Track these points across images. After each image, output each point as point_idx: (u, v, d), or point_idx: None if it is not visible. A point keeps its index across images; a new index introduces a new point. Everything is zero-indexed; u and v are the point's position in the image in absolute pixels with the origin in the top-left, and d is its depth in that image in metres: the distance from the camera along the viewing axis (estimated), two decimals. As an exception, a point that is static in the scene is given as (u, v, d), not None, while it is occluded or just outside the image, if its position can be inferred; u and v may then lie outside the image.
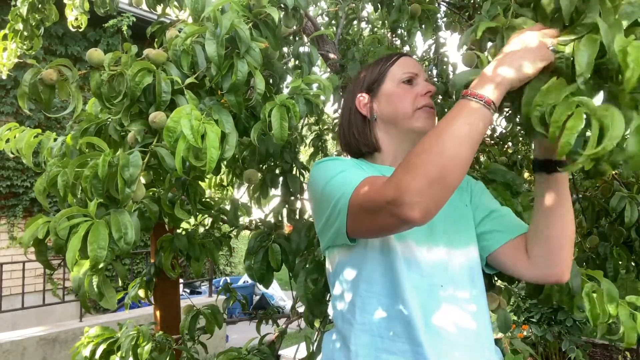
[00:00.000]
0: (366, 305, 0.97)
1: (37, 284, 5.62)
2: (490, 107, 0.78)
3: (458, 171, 0.76)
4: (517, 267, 1.02)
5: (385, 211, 0.79)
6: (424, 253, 0.97)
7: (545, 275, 0.98)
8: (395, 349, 0.92)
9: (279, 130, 1.02)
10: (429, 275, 0.95)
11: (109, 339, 1.58)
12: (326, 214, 0.96)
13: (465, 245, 1.03)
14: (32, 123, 5.68)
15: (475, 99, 0.78)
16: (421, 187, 0.75)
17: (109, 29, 5.74)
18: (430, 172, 0.75)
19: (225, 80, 0.97)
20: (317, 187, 0.99)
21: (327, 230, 0.99)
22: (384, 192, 0.80)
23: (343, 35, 2.24)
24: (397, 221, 0.79)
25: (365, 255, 0.98)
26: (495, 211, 1.08)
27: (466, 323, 0.95)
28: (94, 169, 0.87)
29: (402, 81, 1.08)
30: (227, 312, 2.16)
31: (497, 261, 1.04)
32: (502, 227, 1.04)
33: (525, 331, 4.36)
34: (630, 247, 1.74)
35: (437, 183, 0.75)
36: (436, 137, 0.78)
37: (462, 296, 0.97)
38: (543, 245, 0.97)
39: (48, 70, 1.00)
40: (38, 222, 0.89)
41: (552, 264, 0.96)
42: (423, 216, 0.76)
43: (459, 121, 0.78)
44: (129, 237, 0.84)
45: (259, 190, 1.69)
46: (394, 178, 0.79)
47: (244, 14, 1.03)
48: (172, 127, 0.84)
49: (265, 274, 1.49)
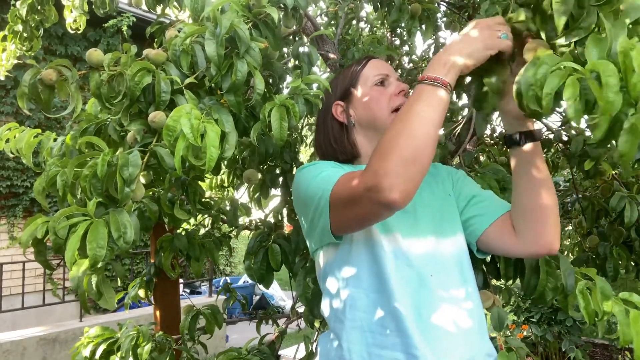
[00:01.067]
0: (355, 302, 0.98)
1: (37, 284, 5.62)
2: (446, 87, 0.84)
3: (428, 150, 0.81)
4: (507, 245, 1.03)
5: (366, 199, 0.82)
6: (411, 244, 0.99)
7: (535, 247, 0.99)
8: (386, 343, 0.93)
9: (278, 130, 1.02)
10: (418, 266, 0.97)
11: (109, 339, 1.58)
12: (310, 215, 0.98)
13: (453, 234, 1.04)
14: (32, 123, 5.68)
15: (432, 82, 0.84)
16: (397, 169, 0.79)
17: (108, 29, 5.75)
18: (403, 153, 0.80)
19: (224, 80, 0.97)
20: (300, 191, 1.01)
21: (313, 231, 1.00)
22: (362, 180, 0.83)
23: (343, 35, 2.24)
24: (378, 207, 0.82)
25: (351, 252, 1.00)
26: (476, 196, 1.10)
27: (457, 312, 0.96)
28: (93, 168, 0.87)
29: (375, 83, 1.10)
30: (227, 312, 2.16)
31: (486, 244, 1.06)
32: (484, 210, 1.07)
33: (525, 331, 4.35)
34: (630, 247, 1.74)
35: (411, 163, 0.79)
36: (403, 121, 0.83)
37: (452, 285, 0.98)
38: (528, 218, 0.98)
39: (47, 70, 1.00)
40: (37, 221, 0.89)
41: (540, 235, 0.98)
42: (402, 197, 0.79)
43: (421, 104, 0.83)
44: (128, 237, 0.83)
45: (259, 190, 1.69)
46: (370, 166, 0.83)
47: (243, 14, 1.03)
48: (171, 126, 0.84)
49: (265, 274, 1.49)
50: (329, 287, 1.05)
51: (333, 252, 1.03)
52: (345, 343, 0.97)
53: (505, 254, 1.09)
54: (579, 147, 1.68)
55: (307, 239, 1.09)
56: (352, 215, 0.89)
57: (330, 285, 1.04)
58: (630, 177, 1.77)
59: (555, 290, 1.14)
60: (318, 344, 1.11)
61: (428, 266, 0.98)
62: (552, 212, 0.97)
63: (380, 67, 1.12)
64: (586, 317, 1.07)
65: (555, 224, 0.98)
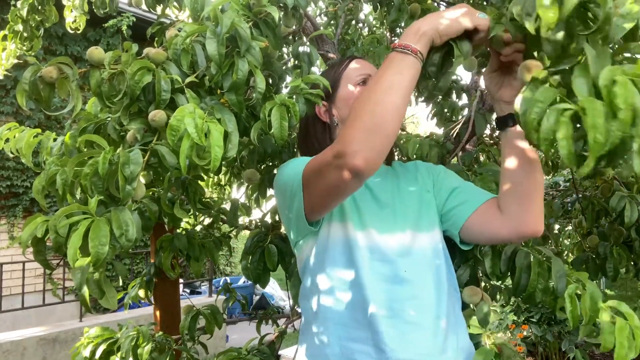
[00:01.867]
0: (330, 296, 1.00)
1: (37, 284, 5.62)
2: (417, 55, 0.84)
3: (393, 118, 0.81)
4: (491, 229, 1.03)
5: (333, 166, 0.84)
6: (386, 240, 1.00)
7: (521, 227, 1.00)
8: (358, 336, 0.96)
9: (279, 129, 1.02)
10: (393, 262, 0.99)
11: (109, 340, 1.58)
12: (287, 202, 1.00)
13: (429, 229, 1.06)
14: (32, 123, 5.68)
15: (402, 49, 0.85)
16: (361, 136, 0.80)
17: (109, 29, 5.75)
18: (367, 121, 0.81)
19: (225, 79, 0.97)
20: (279, 183, 1.04)
21: (290, 220, 1.03)
22: (330, 149, 0.86)
23: (342, 35, 2.24)
24: (344, 173, 0.83)
25: (327, 247, 1.02)
26: (457, 188, 1.11)
27: (429, 307, 0.98)
28: (94, 166, 0.87)
29: (357, 83, 1.11)
30: (227, 312, 2.15)
31: (470, 232, 1.07)
32: (466, 198, 1.08)
33: (525, 331, 4.35)
34: (630, 247, 1.74)
35: (376, 131, 0.80)
36: (371, 90, 0.84)
37: (425, 280, 1.00)
38: (516, 197, 0.99)
39: (48, 68, 1.00)
40: (37, 220, 0.89)
41: (526, 214, 0.99)
42: (366, 164, 0.80)
43: (390, 71, 0.84)
44: (130, 234, 0.83)
45: (258, 190, 1.69)
46: (340, 134, 0.85)
47: (244, 13, 1.03)
48: (175, 125, 0.84)
49: (262, 274, 1.49)
50: (306, 279, 1.07)
51: (311, 245, 1.05)
52: (320, 335, 0.99)
53: (488, 240, 1.10)
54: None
55: (287, 233, 1.11)
56: (322, 187, 0.91)
57: (308, 278, 1.07)
58: (630, 177, 1.77)
59: (546, 291, 1.13)
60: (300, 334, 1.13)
61: (402, 261, 0.99)
62: (539, 194, 0.99)
63: (362, 67, 1.13)
64: (570, 320, 1.07)
65: (541, 206, 1.00)
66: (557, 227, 2.72)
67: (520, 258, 1.16)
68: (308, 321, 1.07)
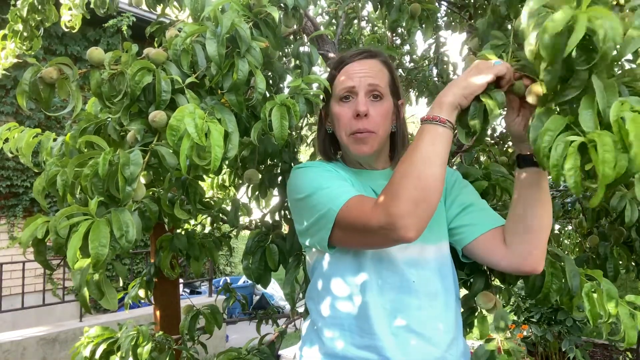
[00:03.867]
0: (338, 301, 1.02)
1: (37, 284, 5.61)
2: (446, 124, 0.88)
3: (436, 187, 0.86)
4: (493, 257, 1.06)
5: (378, 234, 0.88)
6: (397, 250, 1.02)
7: (521, 264, 1.02)
8: (361, 343, 0.98)
9: (279, 129, 1.02)
10: (402, 272, 1.01)
11: (108, 339, 1.58)
12: (309, 223, 1.01)
13: (437, 241, 1.07)
14: (32, 123, 5.67)
15: (432, 121, 0.89)
16: (409, 210, 0.84)
17: (108, 29, 5.74)
18: (413, 194, 0.84)
19: (226, 80, 0.97)
20: (299, 195, 1.04)
21: (308, 235, 1.04)
22: (375, 218, 0.88)
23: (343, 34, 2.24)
24: (390, 242, 0.90)
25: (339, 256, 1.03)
26: (471, 205, 1.12)
27: (434, 317, 1.01)
28: (94, 167, 0.87)
29: (340, 98, 1.08)
30: (227, 312, 2.15)
31: (472, 252, 1.09)
32: (477, 220, 1.09)
33: (525, 331, 4.35)
34: (631, 247, 1.74)
35: (422, 202, 0.84)
36: (409, 162, 0.88)
37: (432, 290, 1.02)
38: (523, 235, 1.01)
39: (48, 68, 1.00)
40: (37, 221, 0.89)
41: (530, 253, 1.01)
42: (417, 235, 0.85)
43: (424, 143, 0.88)
44: (130, 235, 0.83)
45: (258, 190, 1.69)
46: (382, 205, 0.87)
47: (244, 13, 1.03)
48: (175, 125, 0.84)
49: (263, 274, 1.49)
50: (315, 282, 1.09)
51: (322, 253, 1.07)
52: (325, 338, 1.02)
53: (486, 264, 1.13)
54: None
55: (299, 235, 1.12)
56: (359, 242, 0.97)
57: (317, 279, 1.08)
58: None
59: (560, 291, 1.13)
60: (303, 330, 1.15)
61: (411, 272, 1.01)
62: (545, 235, 1.01)
63: (348, 77, 1.08)
64: (590, 319, 1.07)
65: (544, 247, 1.02)
66: (557, 227, 2.72)
67: None
68: (315, 322, 1.08)
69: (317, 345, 1.05)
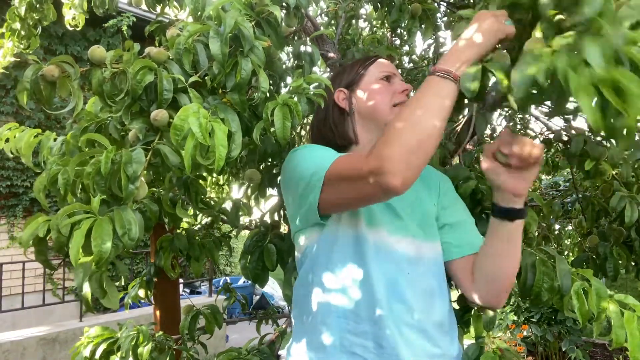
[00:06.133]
0: (335, 289, 1.01)
1: (37, 284, 5.61)
2: (456, 81, 0.86)
3: (432, 140, 0.83)
4: (462, 284, 1.09)
5: (367, 180, 0.84)
6: (394, 242, 1.02)
7: (483, 301, 1.05)
8: (358, 330, 0.97)
9: (281, 129, 1.02)
10: (398, 262, 1.01)
11: (109, 339, 1.58)
12: (300, 191, 0.99)
13: (433, 239, 1.08)
14: (32, 123, 5.67)
15: (443, 74, 0.86)
16: (401, 156, 0.81)
17: (109, 29, 5.74)
18: (408, 142, 0.82)
19: (229, 79, 0.97)
20: (291, 169, 1.04)
21: (299, 208, 1.03)
22: (365, 162, 0.85)
23: (343, 34, 2.24)
24: (378, 189, 0.84)
25: (336, 240, 1.02)
26: (457, 223, 1.12)
27: (427, 310, 1.01)
28: (96, 165, 0.87)
29: (380, 78, 1.13)
30: (227, 312, 2.15)
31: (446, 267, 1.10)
32: (461, 241, 1.10)
33: (525, 331, 4.36)
34: (630, 247, 1.74)
35: (415, 152, 0.82)
36: (410, 110, 0.85)
37: (425, 285, 1.03)
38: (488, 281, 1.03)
39: (49, 67, 1.00)
40: (38, 220, 0.89)
41: (493, 295, 1.04)
42: (403, 183, 0.82)
43: (430, 95, 0.86)
44: (133, 233, 0.83)
45: (258, 189, 1.69)
46: (375, 150, 0.85)
47: (246, 13, 1.03)
48: (179, 125, 0.84)
49: (260, 273, 1.49)
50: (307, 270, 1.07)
51: (316, 236, 1.05)
52: (319, 325, 1.00)
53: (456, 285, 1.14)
54: (579, 147, 1.67)
55: (290, 220, 1.11)
56: (348, 194, 0.92)
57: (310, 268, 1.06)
58: (630, 176, 1.77)
59: (552, 290, 1.13)
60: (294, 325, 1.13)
61: (407, 265, 1.01)
62: (510, 281, 1.03)
63: (387, 65, 1.17)
64: (580, 318, 1.08)
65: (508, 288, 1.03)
66: (557, 227, 2.72)
67: (525, 257, 1.16)
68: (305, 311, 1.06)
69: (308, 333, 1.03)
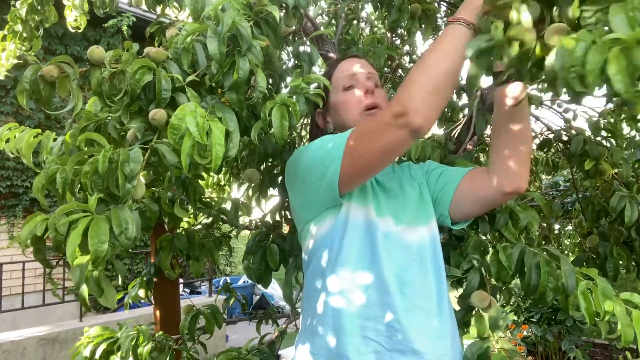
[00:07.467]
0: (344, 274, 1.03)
1: (37, 284, 5.61)
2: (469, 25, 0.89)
3: (450, 82, 0.89)
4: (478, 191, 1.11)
5: (392, 126, 0.90)
6: (400, 230, 1.06)
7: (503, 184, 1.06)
8: (370, 314, 1.00)
9: (279, 129, 1.02)
10: (404, 248, 1.05)
11: (109, 339, 1.58)
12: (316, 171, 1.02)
13: (427, 221, 1.12)
14: (32, 123, 5.68)
15: (460, 22, 0.90)
16: (421, 96, 0.87)
17: (109, 29, 5.75)
18: (426, 82, 0.88)
19: (226, 78, 0.98)
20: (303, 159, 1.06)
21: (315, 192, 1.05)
22: (388, 110, 0.92)
23: (343, 34, 2.24)
24: (403, 132, 0.89)
25: (346, 227, 1.05)
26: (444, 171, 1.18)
27: (431, 292, 1.05)
28: (94, 164, 0.87)
29: (343, 88, 1.16)
30: (227, 312, 2.15)
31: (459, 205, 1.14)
32: (449, 177, 1.15)
33: (525, 331, 4.35)
34: (631, 247, 1.74)
35: (434, 92, 0.88)
36: (427, 57, 0.91)
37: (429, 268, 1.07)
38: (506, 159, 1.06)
39: (49, 67, 1.00)
40: (36, 219, 0.89)
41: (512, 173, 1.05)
42: (426, 122, 0.88)
43: (447, 39, 0.90)
44: (130, 233, 0.83)
45: (259, 190, 1.69)
46: (396, 97, 0.91)
47: (244, 12, 1.03)
48: (176, 124, 0.84)
49: (264, 273, 1.50)
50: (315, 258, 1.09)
51: (330, 222, 1.07)
52: (331, 311, 1.02)
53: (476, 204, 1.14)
54: (579, 147, 1.68)
55: (301, 212, 1.13)
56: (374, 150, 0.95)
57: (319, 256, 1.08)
58: (630, 176, 1.77)
59: (556, 290, 1.14)
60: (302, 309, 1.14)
61: (411, 250, 1.06)
62: (528, 157, 1.06)
63: (347, 68, 1.18)
64: (587, 318, 1.07)
65: (527, 165, 1.06)
66: (557, 227, 2.72)
67: (528, 258, 1.17)
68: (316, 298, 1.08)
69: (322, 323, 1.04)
